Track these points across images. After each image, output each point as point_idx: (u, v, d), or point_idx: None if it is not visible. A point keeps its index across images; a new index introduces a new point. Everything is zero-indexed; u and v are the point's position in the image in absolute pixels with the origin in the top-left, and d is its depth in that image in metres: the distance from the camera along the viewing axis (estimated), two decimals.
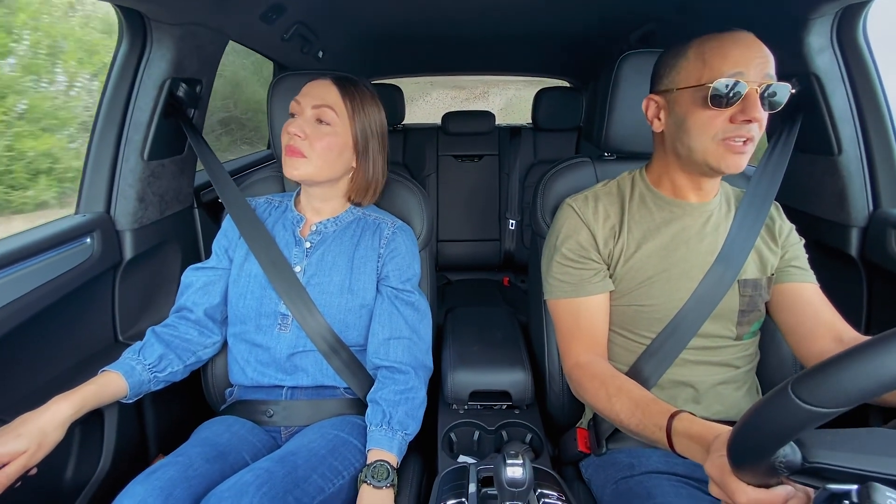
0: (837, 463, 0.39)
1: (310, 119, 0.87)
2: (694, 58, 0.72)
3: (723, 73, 0.68)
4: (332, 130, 0.87)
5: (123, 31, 0.95)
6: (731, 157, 0.71)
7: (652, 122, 0.80)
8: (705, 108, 0.69)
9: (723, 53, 0.69)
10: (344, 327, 0.91)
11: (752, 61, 0.68)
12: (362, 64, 2.13)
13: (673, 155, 0.78)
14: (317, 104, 0.87)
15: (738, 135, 0.69)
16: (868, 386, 0.35)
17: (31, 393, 0.82)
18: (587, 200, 0.85)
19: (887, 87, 0.96)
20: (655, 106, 0.79)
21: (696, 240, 0.80)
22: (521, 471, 0.61)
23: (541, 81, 2.54)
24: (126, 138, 0.99)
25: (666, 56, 0.78)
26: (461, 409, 1.01)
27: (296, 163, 0.86)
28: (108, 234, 0.97)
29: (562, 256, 0.83)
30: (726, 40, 0.70)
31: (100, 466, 0.91)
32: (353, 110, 0.89)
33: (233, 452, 0.80)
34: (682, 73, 0.73)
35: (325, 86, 0.89)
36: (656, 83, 0.79)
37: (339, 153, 0.89)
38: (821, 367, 0.36)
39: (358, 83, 0.91)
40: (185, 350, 0.91)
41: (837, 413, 0.36)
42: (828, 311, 0.78)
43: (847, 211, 1.01)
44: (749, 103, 0.67)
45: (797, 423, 0.37)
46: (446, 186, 2.23)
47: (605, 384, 0.73)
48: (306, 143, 0.85)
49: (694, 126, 0.72)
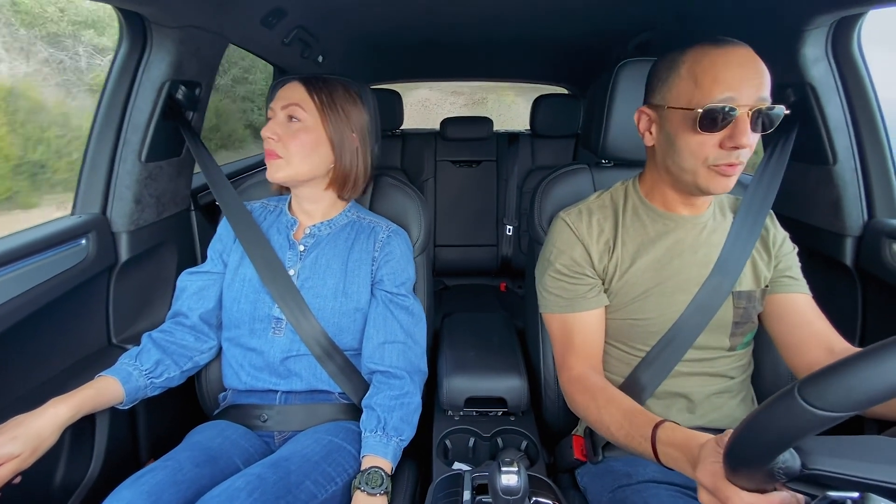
0: (837, 470, 0.39)
1: (282, 121, 0.88)
2: (686, 76, 0.69)
3: (713, 98, 0.66)
4: (302, 126, 0.87)
5: (123, 33, 0.95)
6: (719, 180, 0.70)
7: (643, 135, 0.79)
8: (695, 131, 0.68)
9: (714, 75, 0.66)
10: (338, 331, 0.90)
11: (745, 83, 0.66)
12: (362, 69, 2.14)
13: (663, 170, 0.78)
14: (285, 104, 0.88)
15: (727, 162, 0.68)
16: (877, 389, 0.34)
17: (23, 395, 0.81)
18: (581, 214, 0.84)
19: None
20: (647, 119, 0.77)
21: (690, 252, 0.80)
22: (516, 478, 0.60)
23: (538, 88, 2.56)
24: (124, 140, 0.99)
25: (659, 67, 0.75)
26: (456, 416, 1.01)
27: (274, 166, 0.87)
28: (103, 235, 0.97)
29: (555, 271, 0.83)
30: (719, 60, 0.67)
31: (90, 471, 0.90)
32: (321, 105, 0.88)
33: (224, 457, 0.80)
34: (673, 91, 0.71)
35: (293, 86, 0.90)
36: (649, 95, 0.78)
37: (313, 149, 0.88)
38: (829, 370, 0.36)
39: (329, 80, 0.91)
40: (181, 356, 0.91)
41: (845, 417, 0.35)
42: (820, 322, 0.78)
43: (842, 220, 1.02)
44: (739, 129, 0.66)
45: (803, 426, 0.37)
46: (444, 191, 2.23)
47: (595, 397, 0.73)
48: (280, 144, 0.86)
49: (683, 148, 0.71)
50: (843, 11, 0.89)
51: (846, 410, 0.35)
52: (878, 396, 0.34)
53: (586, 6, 1.29)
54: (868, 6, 0.87)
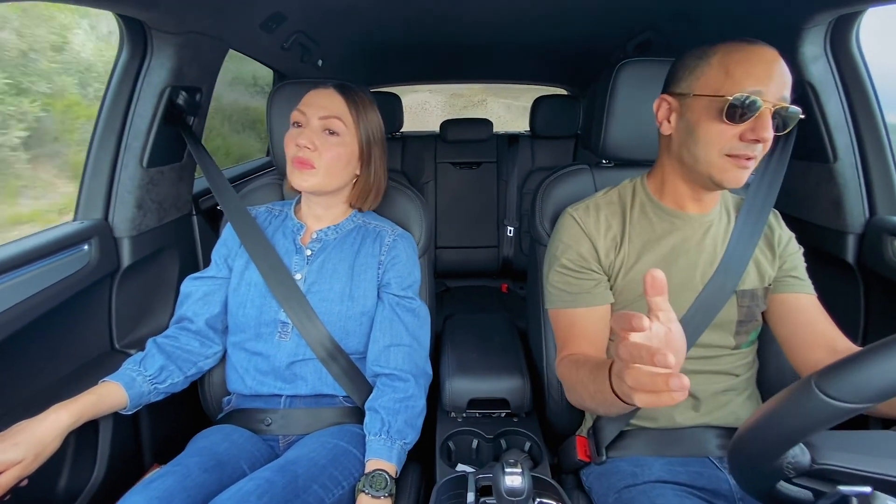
0: (848, 465, 0.38)
1: (317, 130, 0.86)
2: (717, 65, 0.70)
3: (743, 88, 0.67)
4: (340, 141, 0.87)
5: (124, 39, 0.96)
6: (734, 172, 0.70)
7: (661, 123, 0.78)
8: (719, 120, 0.69)
9: (747, 68, 0.68)
10: (344, 335, 0.90)
11: (773, 80, 0.67)
12: (361, 72, 2.15)
13: (677, 161, 0.77)
14: (324, 115, 0.86)
15: (744, 154, 0.69)
16: (894, 379, 0.34)
17: (26, 400, 0.82)
18: (588, 210, 0.84)
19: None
20: (667, 107, 0.76)
21: (696, 251, 0.80)
22: (520, 479, 0.60)
23: (538, 89, 2.56)
24: (125, 145, 0.99)
25: (687, 58, 0.75)
26: (459, 417, 1.01)
27: (305, 175, 0.86)
28: (105, 241, 0.97)
29: (562, 266, 0.83)
30: (752, 54, 0.68)
31: (94, 476, 0.90)
32: (357, 118, 0.88)
33: (231, 462, 0.80)
34: (701, 80, 0.71)
35: (330, 95, 0.88)
36: (672, 84, 0.77)
37: (346, 163, 0.89)
38: (846, 362, 0.35)
39: (358, 90, 0.91)
40: (186, 361, 0.91)
41: (863, 409, 0.35)
42: (823, 322, 0.78)
43: (843, 218, 1.02)
44: (761, 122, 0.67)
45: (820, 418, 0.36)
46: (444, 193, 2.23)
47: (577, 364, 0.72)
48: (316, 154, 0.85)
49: (703, 136, 0.71)
50: (841, 9, 0.90)
51: (864, 402, 0.35)
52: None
53: (586, 7, 1.30)
54: (866, 4, 0.87)
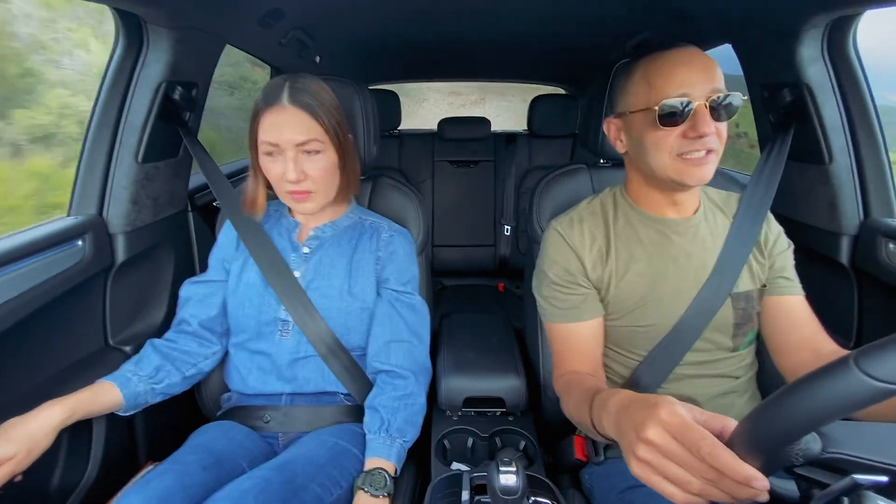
0: (859, 454, 0.38)
1: (298, 157, 0.82)
2: (640, 80, 0.73)
3: (668, 95, 0.68)
4: (322, 156, 0.83)
5: (119, 33, 0.95)
6: (691, 170, 0.71)
7: (615, 143, 0.81)
8: (657, 128, 0.71)
9: (666, 74, 0.69)
10: (345, 330, 0.90)
11: (696, 78, 0.68)
12: (359, 69, 2.14)
13: (641, 173, 0.80)
14: (300, 142, 0.81)
15: (692, 149, 0.70)
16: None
17: (19, 397, 0.81)
18: (572, 223, 0.84)
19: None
20: (615, 128, 0.81)
21: (685, 256, 0.80)
22: (515, 478, 0.60)
23: (536, 88, 2.56)
24: (120, 140, 0.99)
25: (616, 79, 0.79)
26: (455, 416, 1.01)
27: (305, 204, 0.85)
28: (100, 236, 0.96)
29: (550, 281, 0.83)
30: (669, 61, 0.70)
31: (87, 473, 0.89)
32: (326, 124, 0.82)
33: (229, 459, 0.79)
34: (632, 96, 0.74)
35: (295, 118, 0.80)
36: (611, 106, 0.81)
37: (333, 170, 0.87)
38: (892, 340, 0.34)
39: (306, 83, 0.82)
40: (183, 361, 0.90)
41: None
42: (810, 325, 0.78)
43: (838, 219, 1.02)
44: (698, 119, 0.68)
45: (856, 399, 0.34)
46: (442, 192, 2.23)
47: (569, 385, 0.74)
48: (308, 181, 0.83)
49: (651, 145, 0.73)
50: (838, 12, 0.90)
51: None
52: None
53: (584, 6, 1.30)
54: (864, 7, 0.87)
